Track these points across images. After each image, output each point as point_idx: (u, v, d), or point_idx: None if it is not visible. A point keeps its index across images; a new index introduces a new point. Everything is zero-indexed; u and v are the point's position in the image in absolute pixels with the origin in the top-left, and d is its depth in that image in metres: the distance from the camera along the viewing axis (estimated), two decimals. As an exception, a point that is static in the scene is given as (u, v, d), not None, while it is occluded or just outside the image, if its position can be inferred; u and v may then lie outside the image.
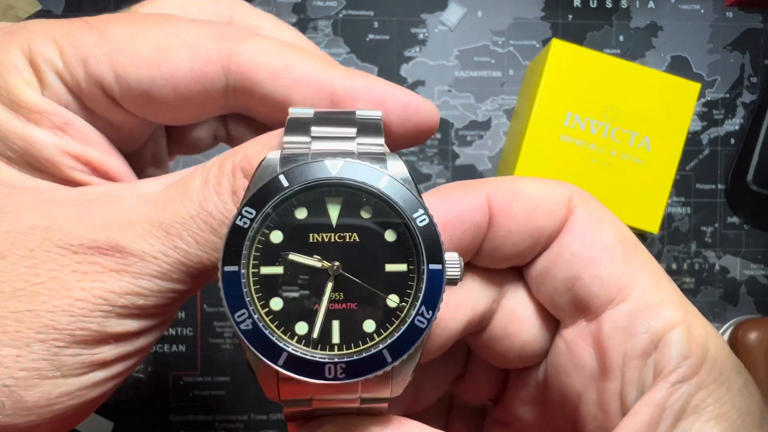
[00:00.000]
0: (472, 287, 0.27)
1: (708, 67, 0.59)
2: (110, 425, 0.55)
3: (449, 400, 0.34)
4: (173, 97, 0.26)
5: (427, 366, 0.29)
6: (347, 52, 0.58)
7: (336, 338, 0.22)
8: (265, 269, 0.22)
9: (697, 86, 0.49)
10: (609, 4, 0.59)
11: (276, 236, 0.22)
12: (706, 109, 0.59)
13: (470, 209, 0.26)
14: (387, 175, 0.23)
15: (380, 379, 0.23)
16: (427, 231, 0.22)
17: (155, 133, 0.32)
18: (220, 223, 0.24)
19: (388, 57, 0.58)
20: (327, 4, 0.58)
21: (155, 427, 0.56)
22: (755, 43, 0.59)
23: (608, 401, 0.25)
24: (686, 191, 0.59)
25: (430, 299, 0.22)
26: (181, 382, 0.56)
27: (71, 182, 0.26)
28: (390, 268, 0.23)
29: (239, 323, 0.22)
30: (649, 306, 0.25)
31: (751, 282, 0.59)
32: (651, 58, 0.58)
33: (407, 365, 0.23)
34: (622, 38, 0.58)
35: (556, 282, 0.26)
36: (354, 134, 0.24)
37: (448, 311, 0.26)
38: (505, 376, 0.31)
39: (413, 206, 0.22)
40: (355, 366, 0.22)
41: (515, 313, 0.28)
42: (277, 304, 0.22)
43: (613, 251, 0.26)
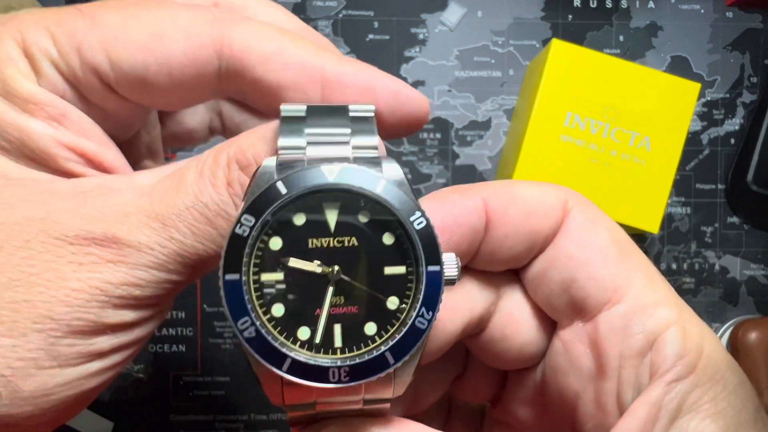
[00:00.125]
0: (470, 290, 0.27)
1: (708, 67, 0.59)
2: (110, 425, 0.55)
3: (449, 401, 0.34)
4: (168, 82, 0.26)
5: (426, 367, 0.29)
6: (347, 52, 0.58)
7: (338, 342, 0.22)
8: (266, 276, 0.22)
9: (697, 86, 0.49)
10: (609, 4, 0.59)
11: (275, 243, 0.22)
12: (706, 109, 0.59)
13: (467, 213, 0.26)
14: (383, 179, 0.22)
15: (383, 381, 0.23)
16: (425, 233, 0.22)
17: (150, 124, 0.32)
18: (216, 214, 0.24)
19: (388, 57, 0.58)
20: (327, 4, 0.58)
21: (155, 427, 0.56)
22: (755, 43, 0.59)
23: (605, 401, 0.26)
24: (686, 191, 0.59)
25: (430, 300, 0.22)
26: (181, 382, 0.56)
27: (67, 174, 0.26)
28: (389, 271, 0.23)
29: (242, 331, 0.22)
30: (644, 306, 0.25)
31: (751, 282, 0.59)
32: (651, 58, 0.58)
33: (409, 366, 0.23)
34: (622, 38, 0.58)
35: (553, 284, 0.26)
36: (348, 134, 0.24)
37: (447, 314, 0.26)
38: (504, 377, 0.31)
39: (410, 209, 0.22)
40: (359, 369, 0.22)
41: (512, 315, 0.28)
42: (279, 311, 0.22)
43: (608, 253, 0.26)
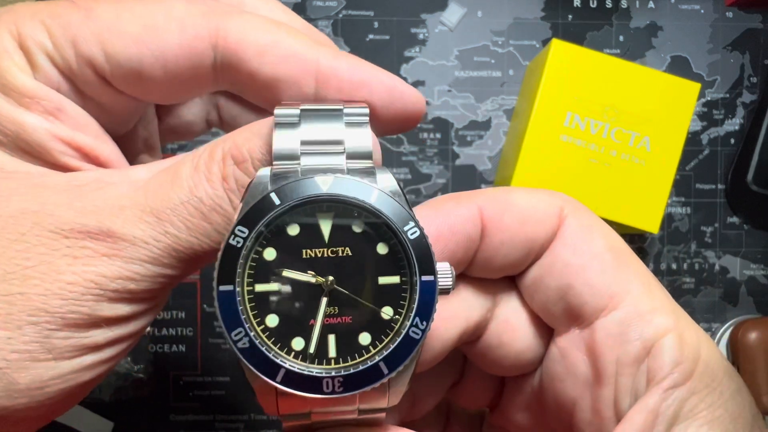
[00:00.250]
0: (466, 297, 0.27)
1: (708, 67, 0.59)
2: (110, 425, 0.55)
3: (447, 407, 0.34)
4: (163, 75, 0.26)
5: (423, 374, 0.29)
6: (347, 52, 0.57)
7: (332, 352, 0.22)
8: (260, 287, 0.22)
9: (697, 86, 0.49)
10: (609, 4, 0.58)
11: (269, 253, 0.22)
12: (706, 109, 0.59)
13: (462, 221, 0.26)
14: (377, 190, 0.22)
15: (377, 390, 0.23)
16: (418, 243, 0.22)
17: (147, 119, 0.32)
18: (210, 209, 0.24)
19: (388, 57, 0.58)
20: (327, 4, 0.58)
21: (155, 427, 0.56)
22: (755, 43, 0.59)
23: (602, 408, 0.26)
24: (686, 191, 0.59)
25: (424, 310, 0.22)
26: (181, 382, 0.56)
27: (62, 167, 0.26)
28: (383, 281, 0.23)
29: (236, 342, 0.22)
30: (641, 313, 0.25)
31: (751, 282, 0.59)
32: (651, 58, 0.58)
33: (403, 375, 0.23)
34: (622, 38, 0.58)
35: (549, 291, 0.26)
36: (342, 142, 0.24)
37: (443, 322, 0.26)
38: (502, 383, 0.31)
39: (404, 219, 0.22)
40: (353, 379, 0.22)
41: (509, 322, 0.28)
42: (273, 321, 0.22)
43: (604, 259, 0.26)
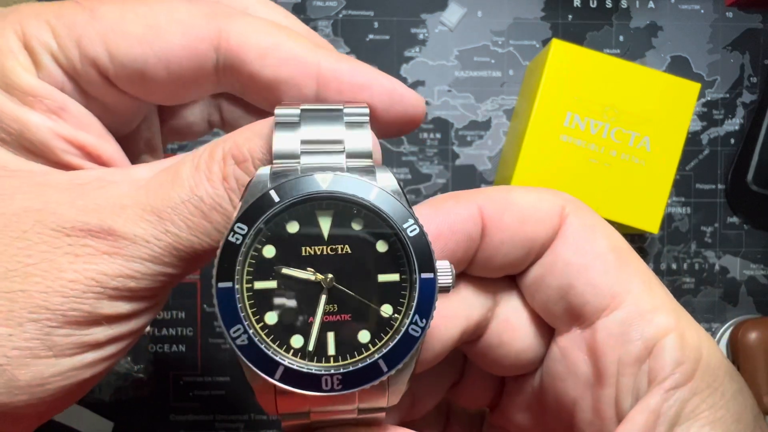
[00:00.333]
0: (466, 297, 0.27)
1: (708, 67, 0.59)
2: (110, 425, 0.55)
3: (447, 407, 0.34)
4: (166, 75, 0.26)
5: (423, 374, 0.29)
6: (347, 53, 0.58)
7: (331, 350, 0.22)
8: (259, 284, 0.22)
9: (697, 86, 0.49)
10: (609, 4, 0.58)
11: (269, 251, 0.22)
12: (706, 109, 0.59)
13: (462, 220, 0.26)
14: (376, 187, 0.22)
15: (377, 389, 0.23)
16: (418, 240, 0.22)
17: (149, 119, 0.32)
18: (211, 208, 0.24)
19: (388, 57, 0.58)
20: (327, 4, 0.58)
21: (155, 427, 0.56)
22: (755, 43, 0.59)
23: (603, 408, 0.25)
24: (686, 191, 0.59)
25: (423, 308, 0.22)
26: (181, 382, 0.56)
27: (65, 166, 0.26)
28: (382, 279, 0.23)
29: (235, 339, 0.22)
30: (643, 313, 0.25)
31: (751, 282, 0.59)
32: (651, 58, 0.58)
33: (403, 374, 0.23)
34: (622, 38, 0.58)
35: (550, 290, 0.26)
36: (342, 141, 0.24)
37: (443, 321, 0.26)
38: (502, 382, 0.31)
39: (403, 217, 0.22)
40: (351, 377, 0.22)
41: (510, 322, 0.28)
42: (272, 318, 0.22)
43: (606, 259, 0.26)
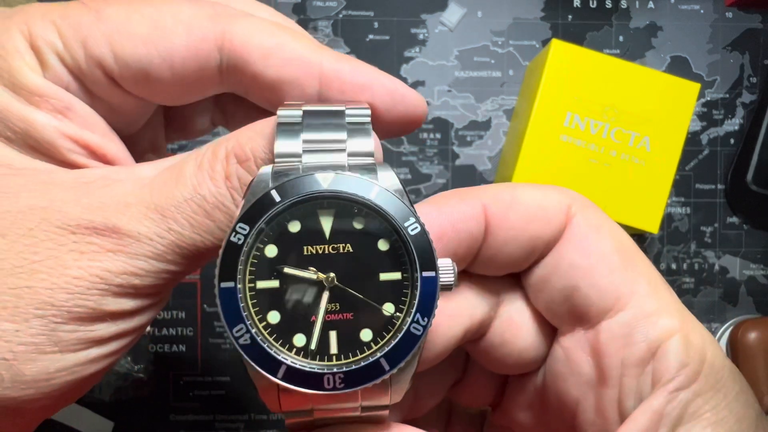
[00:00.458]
0: (469, 295, 0.27)
1: (708, 68, 0.59)
2: (110, 425, 0.55)
3: (449, 406, 0.34)
4: (170, 76, 0.26)
5: (426, 372, 0.29)
6: (347, 53, 0.58)
7: (334, 348, 0.23)
8: (262, 283, 0.22)
9: (697, 86, 0.49)
10: (609, 5, 0.59)
11: (271, 250, 0.22)
12: (706, 109, 0.59)
13: (466, 219, 0.26)
14: (378, 186, 0.23)
15: (379, 388, 0.23)
16: (419, 239, 0.22)
17: (153, 120, 0.32)
18: (213, 207, 0.24)
19: (388, 57, 0.58)
20: (327, 5, 0.58)
21: (155, 427, 0.56)
22: (755, 43, 0.59)
23: (606, 408, 0.25)
24: (686, 191, 0.59)
25: (425, 306, 0.22)
26: (181, 382, 0.56)
27: (70, 165, 0.26)
28: (384, 277, 0.23)
29: (237, 338, 0.22)
30: (647, 315, 0.25)
31: (751, 282, 0.59)
32: (651, 58, 0.58)
33: (405, 373, 0.23)
34: (622, 38, 0.58)
35: (554, 291, 0.26)
36: (344, 140, 0.24)
37: (446, 320, 0.26)
38: (504, 381, 0.31)
39: (404, 215, 0.22)
40: (354, 375, 0.22)
41: (513, 321, 0.28)
42: (275, 318, 0.22)
43: (612, 261, 0.26)
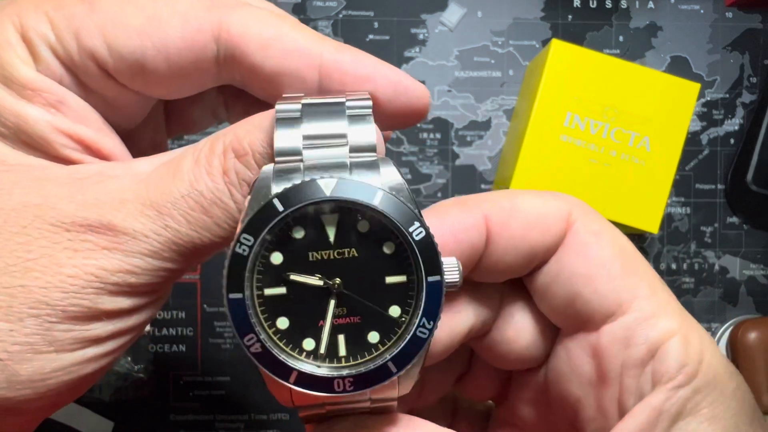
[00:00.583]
0: (474, 294, 0.27)
1: (708, 68, 0.59)
2: (110, 425, 0.55)
3: (454, 402, 0.34)
4: (166, 68, 0.26)
5: (432, 366, 0.30)
6: (350, 46, 0.57)
7: (342, 351, 0.23)
8: (269, 291, 0.22)
9: (697, 86, 0.49)
10: (609, 5, 0.59)
11: (276, 257, 0.22)
12: (706, 110, 0.59)
13: (467, 229, 0.26)
14: (381, 191, 0.22)
15: (387, 384, 0.23)
16: (424, 243, 0.22)
17: (153, 114, 0.32)
18: (211, 203, 0.24)
19: (388, 57, 0.58)
20: (327, 5, 0.58)
21: (155, 427, 0.56)
22: (755, 44, 0.59)
23: (607, 407, 0.26)
24: (686, 191, 0.59)
25: (431, 310, 0.22)
26: (181, 382, 0.56)
27: (64, 160, 0.26)
28: (390, 280, 0.23)
29: (249, 347, 0.22)
30: (647, 317, 0.25)
31: (751, 282, 0.59)
32: (651, 58, 0.58)
33: (412, 369, 0.23)
34: (622, 38, 0.58)
35: (557, 298, 0.27)
36: (345, 135, 0.24)
37: (452, 318, 0.26)
38: (508, 376, 0.31)
39: (409, 220, 0.22)
40: (362, 378, 0.22)
41: (515, 319, 0.28)
42: (284, 323, 0.23)
43: (612, 267, 0.26)
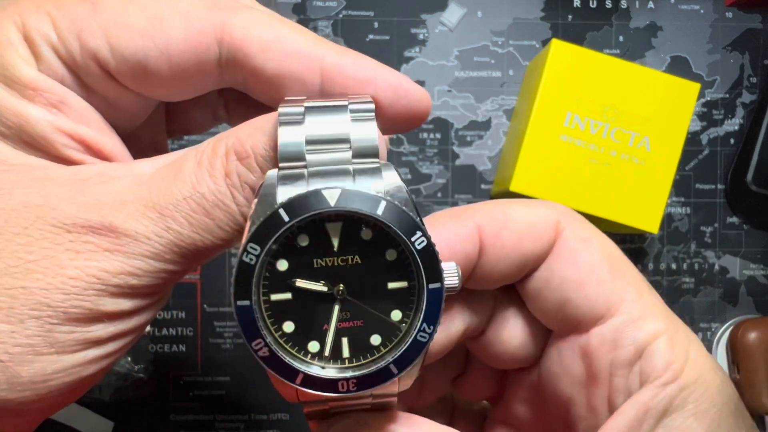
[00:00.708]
0: (470, 297, 0.28)
1: (708, 68, 0.59)
2: (110, 425, 0.55)
3: (452, 403, 0.35)
4: (168, 70, 0.26)
5: (430, 365, 0.31)
6: (352, 50, 0.57)
7: (346, 353, 0.24)
8: (275, 296, 0.23)
9: (697, 86, 0.49)
10: (609, 5, 0.59)
11: (282, 264, 0.23)
12: (706, 110, 0.59)
13: (461, 241, 0.27)
14: (384, 200, 0.23)
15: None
16: (426, 252, 0.23)
17: (154, 116, 0.32)
18: (213, 205, 0.24)
19: (388, 57, 0.58)
20: (327, 5, 0.58)
21: (155, 427, 0.56)
22: (755, 43, 0.59)
23: (597, 405, 0.27)
24: (686, 191, 0.59)
25: (431, 316, 0.23)
26: (181, 382, 0.56)
27: (65, 160, 0.26)
28: (392, 286, 0.24)
29: (257, 351, 0.23)
30: (635, 320, 0.26)
31: (751, 282, 0.59)
32: (651, 58, 0.58)
33: (413, 370, 0.24)
34: (622, 38, 0.58)
35: (548, 303, 0.28)
36: (348, 139, 0.24)
37: (448, 319, 0.28)
38: (503, 376, 0.32)
39: (411, 229, 0.23)
40: (365, 380, 0.23)
41: (508, 320, 0.29)
42: (290, 327, 0.24)
43: (601, 272, 0.27)
